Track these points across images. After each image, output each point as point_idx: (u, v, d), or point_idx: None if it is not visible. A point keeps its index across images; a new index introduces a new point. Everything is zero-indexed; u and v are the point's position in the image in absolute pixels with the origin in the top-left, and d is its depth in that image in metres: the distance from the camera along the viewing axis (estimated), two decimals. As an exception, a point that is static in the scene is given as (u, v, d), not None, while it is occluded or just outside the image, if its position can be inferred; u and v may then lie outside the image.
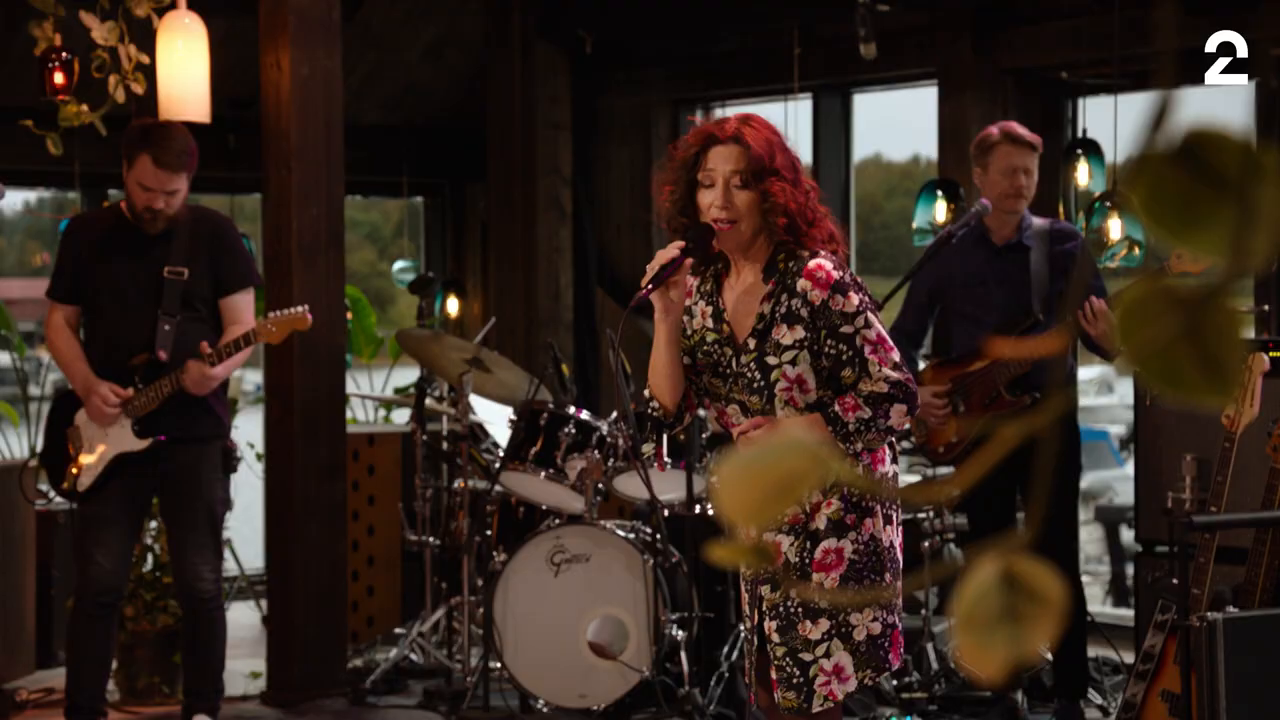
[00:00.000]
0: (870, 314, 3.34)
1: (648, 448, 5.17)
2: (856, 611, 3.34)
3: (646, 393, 3.52)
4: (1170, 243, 0.61)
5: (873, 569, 3.35)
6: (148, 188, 4.85)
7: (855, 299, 3.32)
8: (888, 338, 3.36)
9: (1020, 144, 5.10)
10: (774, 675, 3.40)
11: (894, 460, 3.49)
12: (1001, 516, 5.25)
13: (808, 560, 3.36)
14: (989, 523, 5.29)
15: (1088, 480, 11.67)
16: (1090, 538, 11.36)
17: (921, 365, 5.44)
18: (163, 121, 5.12)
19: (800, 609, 3.36)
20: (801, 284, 3.31)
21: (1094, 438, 12.65)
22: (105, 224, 5.05)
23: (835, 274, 3.32)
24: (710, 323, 3.44)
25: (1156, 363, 0.59)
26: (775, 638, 3.40)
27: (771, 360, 3.34)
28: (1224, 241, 0.58)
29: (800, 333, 3.33)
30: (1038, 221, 5.22)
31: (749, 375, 3.37)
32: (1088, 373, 12.75)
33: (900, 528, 3.47)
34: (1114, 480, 12.76)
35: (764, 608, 3.42)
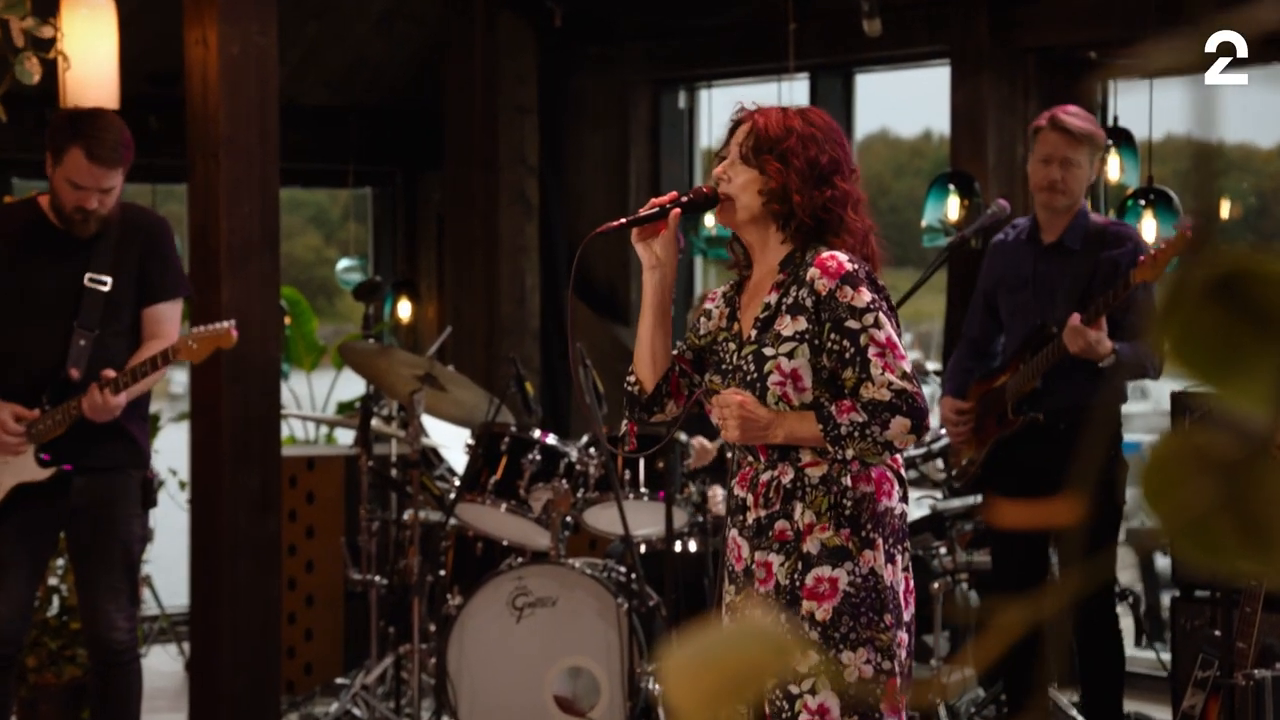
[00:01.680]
0: (882, 315, 3.39)
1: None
2: (849, 650, 3.36)
3: (631, 366, 3.65)
4: (1206, 389, 0.57)
5: (871, 606, 3.36)
6: (80, 185, 4.77)
7: (866, 295, 3.38)
8: (900, 345, 3.40)
9: (1061, 131, 5.07)
10: (766, 709, 3.43)
11: (904, 498, 3.48)
12: (1029, 554, 5.21)
13: (798, 585, 3.40)
14: (1014, 560, 5.26)
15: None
16: (1121, 564, 11.35)
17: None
18: (93, 109, 5.04)
19: (790, 636, 3.36)
20: (810, 273, 3.41)
21: (1125, 450, 12.65)
22: (21, 221, 4.96)
23: (848, 266, 3.40)
24: (724, 322, 3.58)
25: (1190, 533, 0.55)
26: None
27: (768, 351, 3.42)
28: (1268, 388, 0.54)
29: (803, 324, 3.40)
30: (1095, 221, 5.19)
31: (745, 368, 3.45)
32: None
33: (908, 571, 3.46)
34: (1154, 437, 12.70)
35: None
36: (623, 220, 3.54)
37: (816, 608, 3.37)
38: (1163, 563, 10.96)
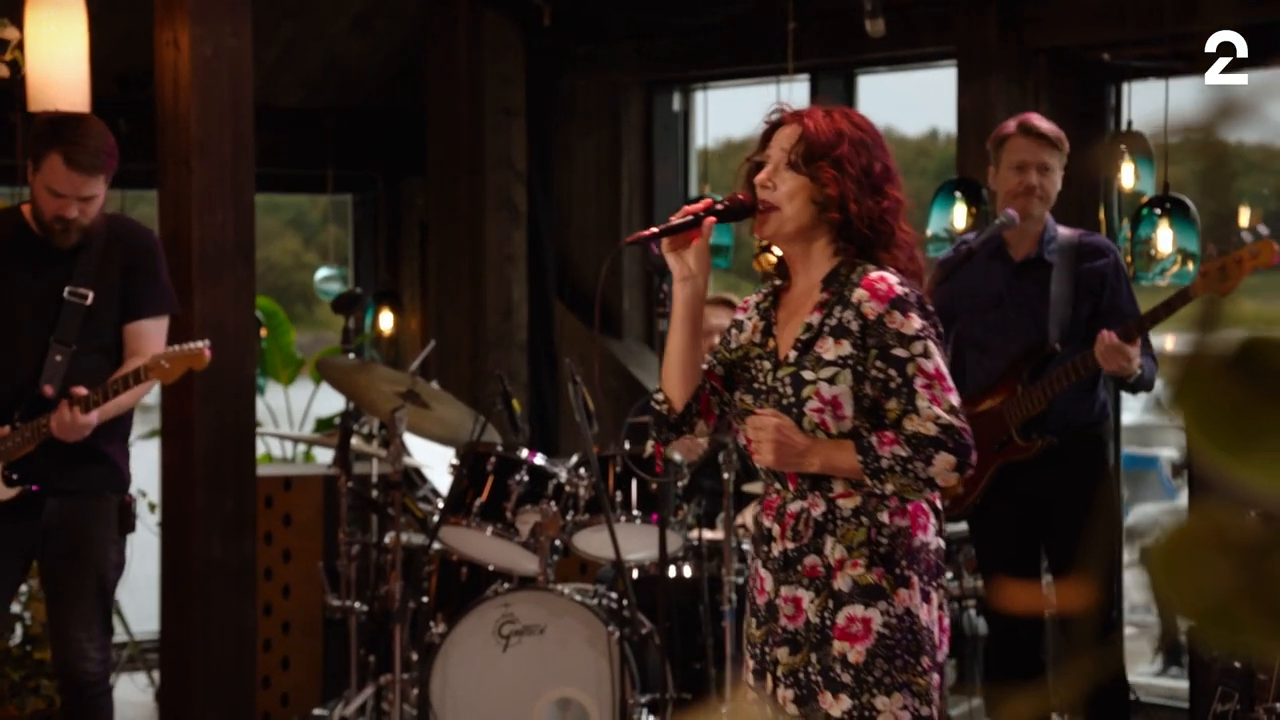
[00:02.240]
0: (932, 343, 3.35)
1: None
2: (884, 695, 3.32)
3: (657, 383, 3.61)
4: (1225, 464, 0.56)
5: (908, 649, 3.33)
6: (59, 193, 4.76)
7: (917, 322, 3.34)
8: (948, 376, 3.36)
9: (1033, 136, 5.08)
10: None
11: (939, 532, 3.45)
12: (1023, 579, 5.21)
13: (829, 624, 3.36)
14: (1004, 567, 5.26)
15: (1133, 516, 11.70)
16: (1136, 583, 11.36)
17: None
18: (75, 114, 5.03)
19: (821, 678, 3.36)
20: (858, 294, 3.36)
21: (1141, 465, 12.65)
22: (1, 230, 4.96)
23: (899, 289, 3.35)
24: (758, 337, 3.52)
25: (1210, 619, 0.54)
26: (791, 709, 3.40)
27: (808, 375, 3.37)
28: (1291, 464, 0.53)
29: (846, 349, 3.35)
30: (1064, 233, 5.19)
31: (780, 390, 3.40)
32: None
33: (944, 609, 3.43)
34: (1164, 516, 12.72)
35: (779, 673, 3.42)
36: (655, 229, 3.49)
37: (849, 649, 3.33)
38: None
